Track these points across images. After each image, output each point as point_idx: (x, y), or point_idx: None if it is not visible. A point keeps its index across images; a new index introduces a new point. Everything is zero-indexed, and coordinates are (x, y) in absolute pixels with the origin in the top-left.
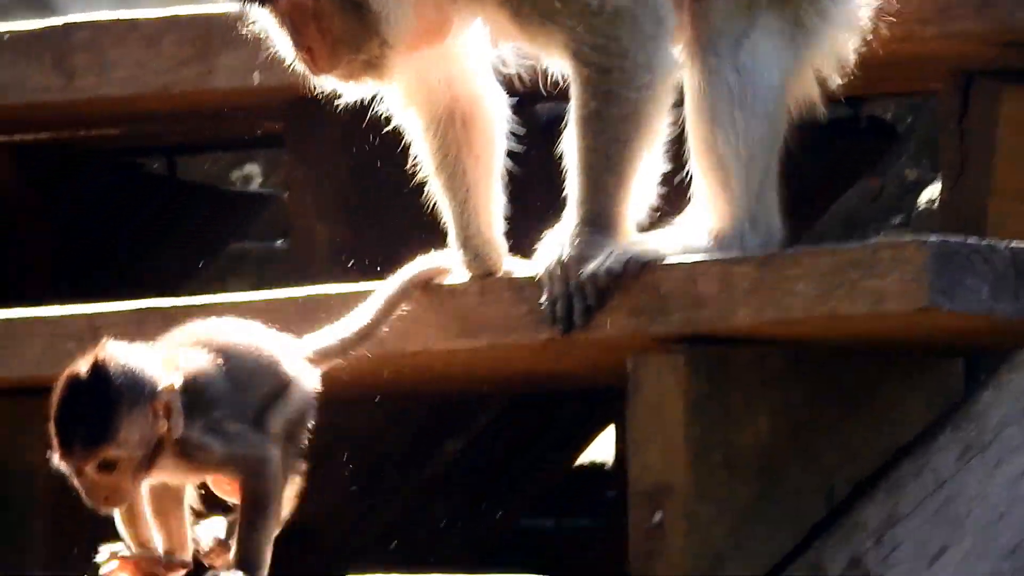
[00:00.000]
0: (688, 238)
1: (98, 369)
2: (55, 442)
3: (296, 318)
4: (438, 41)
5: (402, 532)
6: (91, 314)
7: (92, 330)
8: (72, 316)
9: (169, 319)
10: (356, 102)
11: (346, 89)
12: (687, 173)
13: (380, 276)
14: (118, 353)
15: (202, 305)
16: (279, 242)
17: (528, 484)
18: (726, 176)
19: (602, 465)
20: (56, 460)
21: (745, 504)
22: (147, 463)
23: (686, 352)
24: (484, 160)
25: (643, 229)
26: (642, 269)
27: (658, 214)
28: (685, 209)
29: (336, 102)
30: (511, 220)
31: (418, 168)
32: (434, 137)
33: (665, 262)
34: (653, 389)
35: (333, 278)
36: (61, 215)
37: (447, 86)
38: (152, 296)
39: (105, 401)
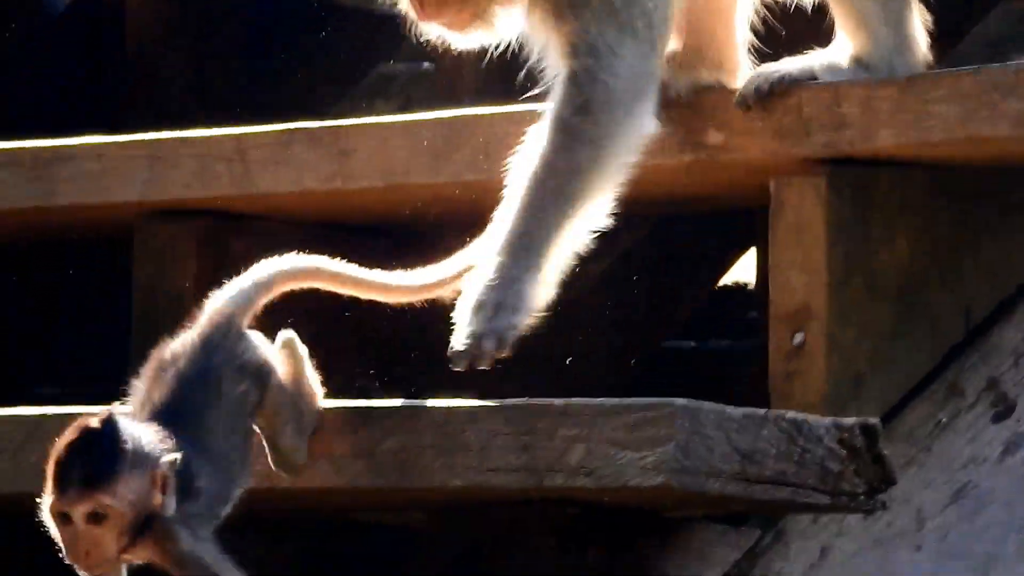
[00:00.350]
0: (833, 61)
1: (109, 423)
2: (51, 482)
3: (441, 141)
4: None
5: (546, 354)
6: (239, 135)
7: (240, 152)
8: (221, 138)
9: (316, 141)
10: None
11: (452, 38)
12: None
13: (525, 99)
14: (129, 420)
15: (349, 126)
16: (426, 64)
17: (671, 306)
18: (861, 17)
19: (744, 286)
20: (46, 504)
21: (885, 325)
22: (132, 535)
23: (828, 174)
24: None
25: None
26: (788, 89)
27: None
28: (830, 40)
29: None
30: None
31: None
32: None
33: (809, 84)
34: (795, 211)
35: (479, 101)
36: (210, 36)
37: None
38: (300, 118)
39: (111, 451)
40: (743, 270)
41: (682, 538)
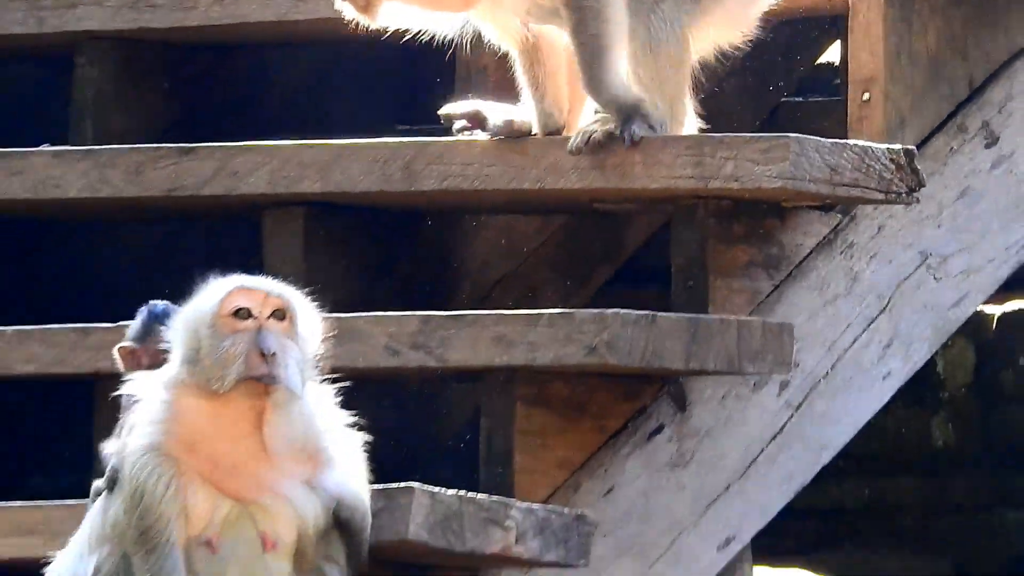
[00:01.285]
0: None
1: None
2: None
3: None
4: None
5: (702, 108)
6: None
7: None
8: None
9: None
10: None
11: (360, 19)
12: None
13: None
14: None
15: None
16: None
17: (783, 78)
18: None
19: (832, 63)
20: None
21: (920, 88)
22: None
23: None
24: (553, 65)
25: None
26: None
27: None
28: None
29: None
30: None
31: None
32: (518, 54)
33: None
34: (864, 15)
35: None
36: None
37: (522, 24)
38: None
39: None
40: (831, 54)
41: (792, 219)
